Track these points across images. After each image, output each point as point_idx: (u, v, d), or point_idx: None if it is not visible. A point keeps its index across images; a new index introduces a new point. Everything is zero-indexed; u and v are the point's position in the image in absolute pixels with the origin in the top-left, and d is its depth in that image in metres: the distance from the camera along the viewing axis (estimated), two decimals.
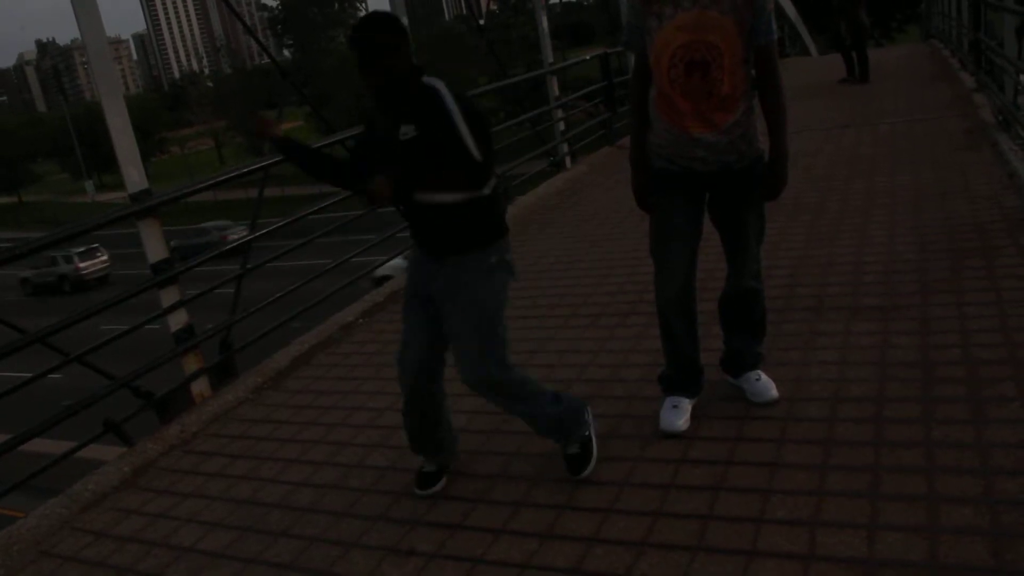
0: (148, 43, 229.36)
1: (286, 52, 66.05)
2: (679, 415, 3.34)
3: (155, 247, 4.47)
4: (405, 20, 7.25)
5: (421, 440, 3.24)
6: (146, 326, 4.48)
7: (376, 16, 2.82)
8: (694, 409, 3.39)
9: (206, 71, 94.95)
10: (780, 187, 3.22)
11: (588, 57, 11.80)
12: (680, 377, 3.43)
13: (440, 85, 2.74)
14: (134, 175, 4.39)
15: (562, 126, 10.17)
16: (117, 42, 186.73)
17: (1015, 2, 8.37)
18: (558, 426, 3.15)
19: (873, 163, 7.23)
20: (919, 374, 3.41)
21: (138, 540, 3.35)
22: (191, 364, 4.60)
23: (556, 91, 10.07)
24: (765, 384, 3.43)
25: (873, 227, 5.41)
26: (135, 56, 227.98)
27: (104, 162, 64.20)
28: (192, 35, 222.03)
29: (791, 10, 20.58)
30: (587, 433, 3.19)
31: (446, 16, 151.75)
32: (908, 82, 11.82)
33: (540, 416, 3.13)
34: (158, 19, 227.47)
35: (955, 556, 2.37)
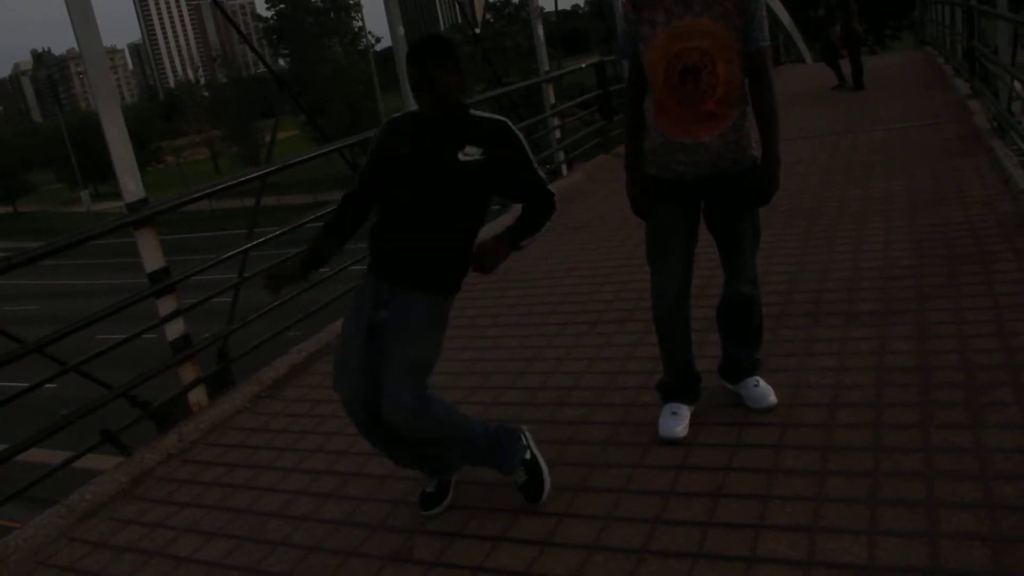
0: (144, 53, 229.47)
1: (282, 61, 66.04)
2: (678, 422, 3.34)
3: (152, 256, 4.47)
4: (401, 30, 7.27)
5: (400, 460, 3.15)
6: (143, 335, 4.46)
7: (436, 39, 2.85)
8: (693, 416, 3.39)
9: (202, 80, 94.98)
10: (772, 192, 3.23)
11: (584, 65, 11.84)
12: (678, 384, 3.43)
13: (500, 119, 2.86)
14: (131, 184, 4.39)
15: (558, 134, 10.19)
16: (113, 52, 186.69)
17: (1008, 9, 8.40)
18: (494, 451, 3.03)
19: (869, 169, 7.25)
20: (917, 379, 3.42)
21: (136, 550, 3.34)
22: (188, 373, 4.59)
23: (552, 99, 10.09)
24: (763, 390, 3.43)
25: (869, 233, 5.42)
26: (131, 66, 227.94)
27: (100, 172, 64.17)
28: (188, 45, 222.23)
29: (786, 18, 20.65)
30: (527, 456, 3.05)
31: (441, 25, 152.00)
32: (903, 89, 11.86)
33: (471, 442, 2.99)
34: (153, 29, 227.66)
35: (955, 561, 2.38)
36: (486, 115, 2.88)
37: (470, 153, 2.80)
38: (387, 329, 2.86)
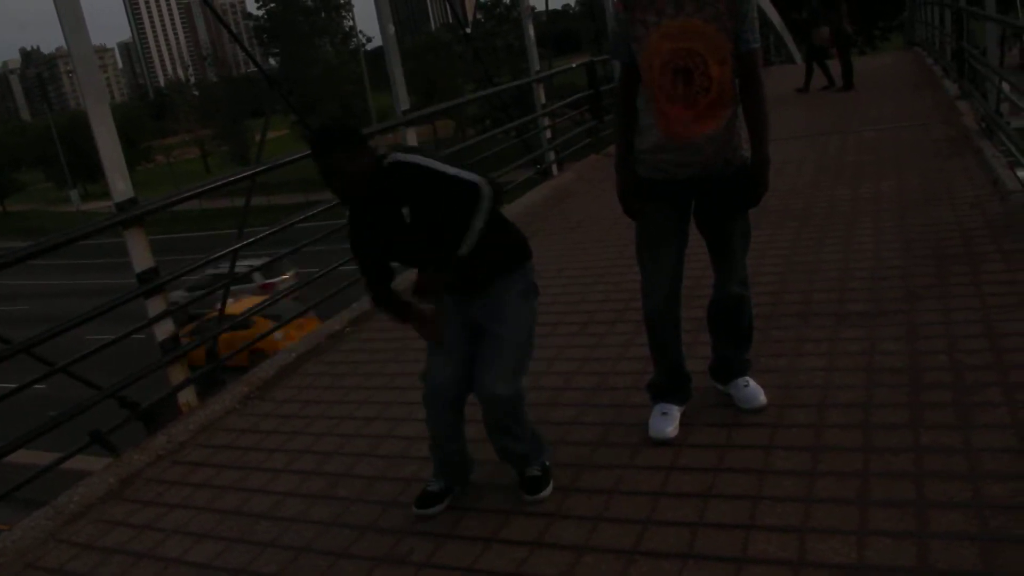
0: (133, 51, 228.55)
1: (272, 61, 65.86)
2: (668, 422, 3.34)
3: (141, 256, 4.45)
4: (392, 29, 7.24)
5: (449, 468, 3.19)
6: (132, 336, 4.44)
7: (324, 136, 2.88)
8: (683, 416, 3.40)
9: (192, 79, 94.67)
10: (762, 193, 3.24)
11: (574, 65, 11.84)
12: (668, 384, 3.43)
13: (399, 156, 2.88)
14: (120, 184, 4.37)
15: (549, 134, 10.19)
16: (102, 50, 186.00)
17: (996, 11, 8.44)
18: (533, 449, 3.13)
19: (859, 170, 7.27)
20: (906, 380, 3.43)
21: (125, 552, 3.32)
22: (177, 374, 4.57)
23: (543, 99, 10.08)
24: (753, 391, 3.44)
25: (859, 234, 5.44)
26: (120, 65, 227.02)
27: (89, 171, 63.85)
28: (178, 43, 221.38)
29: (776, 18, 20.69)
30: (548, 462, 3.17)
31: (432, 25, 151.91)
32: (892, 90, 11.89)
33: (525, 438, 3.09)
34: (143, 27, 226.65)
35: (945, 561, 2.38)
36: (384, 164, 2.87)
37: (407, 214, 2.88)
38: (484, 322, 2.98)
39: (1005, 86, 7.60)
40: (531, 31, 10.39)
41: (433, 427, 3.08)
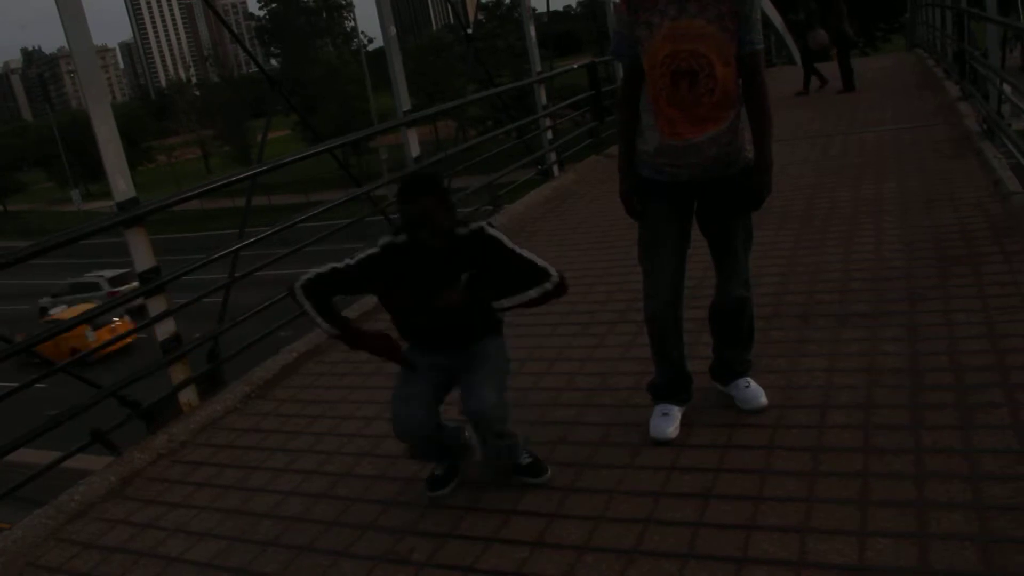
0: (135, 51, 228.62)
1: (273, 61, 65.93)
2: (669, 423, 3.34)
3: (143, 256, 4.45)
4: (393, 30, 7.25)
5: (432, 458, 3.30)
6: (133, 335, 4.44)
7: (428, 177, 3.02)
8: (684, 417, 3.40)
9: (193, 80, 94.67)
10: (765, 195, 3.24)
11: (576, 66, 11.83)
12: (669, 385, 3.43)
13: (477, 224, 3.02)
14: (121, 184, 4.37)
15: (550, 135, 10.19)
16: (104, 50, 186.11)
17: (997, 13, 8.44)
18: (515, 442, 3.20)
19: (860, 171, 7.27)
20: (907, 381, 3.43)
21: (126, 551, 3.33)
22: (179, 373, 4.57)
23: (544, 99, 10.09)
24: (754, 391, 3.44)
25: (860, 235, 5.44)
26: (122, 65, 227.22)
27: (91, 171, 63.89)
28: (179, 44, 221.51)
29: (777, 20, 20.68)
30: (528, 447, 3.26)
31: (433, 25, 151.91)
32: (894, 91, 11.90)
33: (510, 436, 3.16)
34: (145, 28, 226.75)
35: (945, 562, 2.38)
36: (465, 229, 3.00)
37: (464, 279, 2.98)
38: (459, 365, 3.10)
39: (1006, 88, 7.60)
40: (532, 32, 10.39)
41: (413, 450, 3.24)
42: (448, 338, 3.12)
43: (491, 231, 3.03)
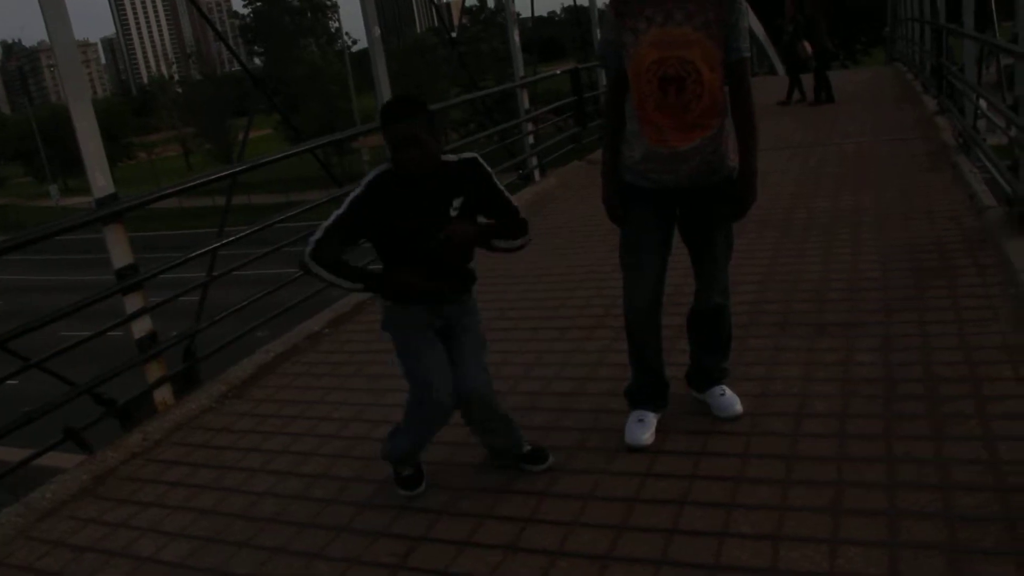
0: (117, 47, 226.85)
1: (257, 60, 65.68)
2: (644, 429, 3.35)
3: (120, 253, 4.42)
4: (377, 31, 7.25)
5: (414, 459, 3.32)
6: (109, 333, 4.41)
7: (412, 99, 2.96)
8: (659, 423, 3.41)
9: (175, 77, 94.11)
10: (749, 203, 3.25)
11: (559, 71, 11.87)
12: (646, 391, 3.44)
13: (470, 156, 3.01)
14: (100, 180, 4.34)
15: (531, 139, 10.21)
16: (85, 45, 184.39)
17: (975, 30, 8.55)
18: (516, 434, 3.28)
19: (839, 182, 7.33)
20: (881, 390, 3.46)
21: (97, 550, 3.29)
22: (154, 372, 4.54)
23: (527, 104, 10.11)
24: (730, 399, 3.46)
25: (838, 245, 5.49)
26: (103, 60, 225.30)
27: (70, 166, 63.30)
28: (162, 40, 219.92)
29: (759, 30, 20.86)
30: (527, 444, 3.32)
31: (417, 28, 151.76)
32: (873, 104, 12.02)
33: (504, 427, 3.24)
34: (127, 23, 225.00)
35: (914, 570, 2.41)
36: (454, 157, 2.99)
37: (456, 205, 2.95)
38: (451, 330, 3.10)
39: (982, 103, 7.70)
40: (516, 36, 10.41)
41: (430, 432, 3.20)
42: (448, 281, 3.04)
43: (485, 164, 3.02)
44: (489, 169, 3.02)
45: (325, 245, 2.93)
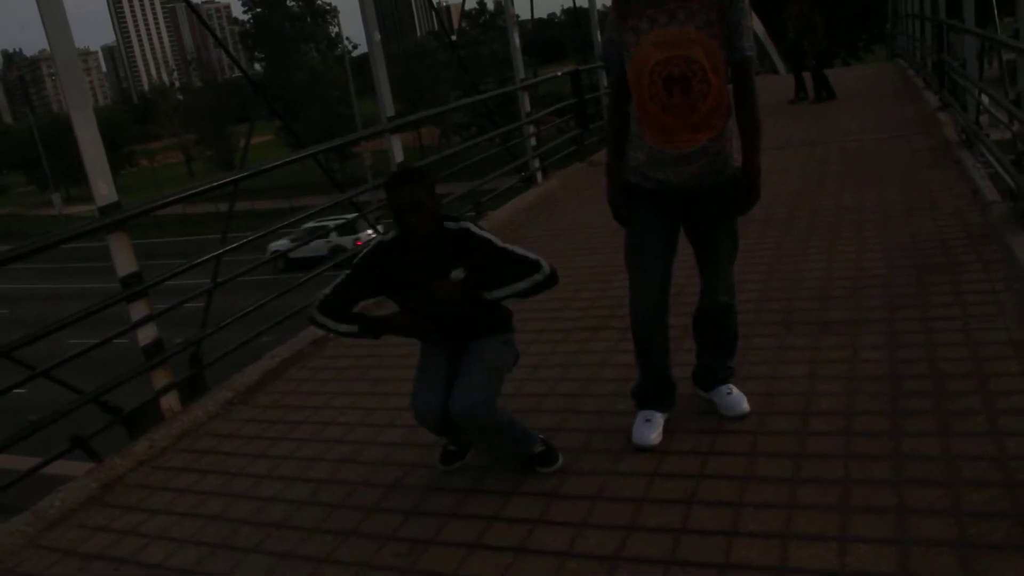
0: (118, 55, 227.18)
1: (257, 66, 65.75)
2: (651, 429, 3.35)
3: (124, 260, 4.42)
4: (378, 36, 7.25)
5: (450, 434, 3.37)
6: (114, 340, 4.42)
7: (414, 169, 3.17)
8: (666, 423, 3.41)
9: (176, 84, 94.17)
10: (752, 202, 3.25)
11: (559, 73, 11.86)
12: (653, 391, 3.44)
13: (464, 224, 3.14)
14: (103, 188, 4.35)
15: (533, 141, 10.21)
16: (86, 54, 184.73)
17: (976, 25, 8.54)
18: (522, 441, 3.27)
19: (841, 180, 7.33)
20: (887, 388, 3.46)
21: (106, 558, 3.30)
22: (160, 379, 4.54)
23: (528, 106, 10.11)
24: (736, 398, 3.45)
25: (841, 243, 5.48)
26: (104, 68, 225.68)
27: (72, 175, 63.41)
28: (162, 48, 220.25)
29: (760, 28, 20.84)
30: (539, 448, 3.31)
31: (417, 32, 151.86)
32: (875, 101, 12.01)
33: (506, 440, 3.24)
34: (128, 31, 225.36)
35: (924, 567, 2.40)
36: (454, 225, 3.13)
37: (457, 275, 3.09)
38: (464, 349, 3.22)
39: (984, 99, 7.68)
40: (516, 39, 10.41)
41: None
42: (451, 332, 3.22)
43: (478, 232, 3.14)
44: (485, 235, 3.13)
45: (332, 301, 3.22)
